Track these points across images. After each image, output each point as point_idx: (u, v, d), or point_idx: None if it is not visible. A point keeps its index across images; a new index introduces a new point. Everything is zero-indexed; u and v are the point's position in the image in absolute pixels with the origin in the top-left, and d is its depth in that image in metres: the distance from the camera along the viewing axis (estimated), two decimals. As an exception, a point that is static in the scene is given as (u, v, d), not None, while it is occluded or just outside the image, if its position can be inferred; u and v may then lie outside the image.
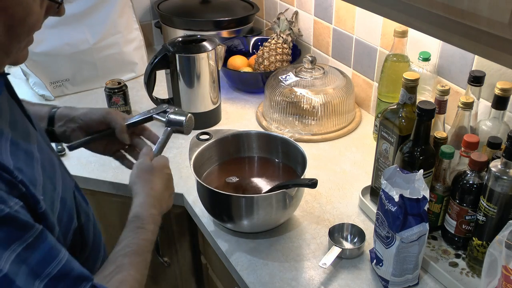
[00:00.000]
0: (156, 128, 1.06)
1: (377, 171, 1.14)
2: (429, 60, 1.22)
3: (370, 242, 1.06)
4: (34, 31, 0.68)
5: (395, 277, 0.96)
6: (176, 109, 1.02)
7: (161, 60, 1.42)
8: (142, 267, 0.77)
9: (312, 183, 1.02)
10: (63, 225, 0.73)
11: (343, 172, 1.32)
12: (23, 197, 0.63)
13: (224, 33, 1.82)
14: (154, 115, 1.02)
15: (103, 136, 1.00)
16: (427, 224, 0.91)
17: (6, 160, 0.63)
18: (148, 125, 1.04)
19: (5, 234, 0.59)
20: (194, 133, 1.24)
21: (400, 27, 1.24)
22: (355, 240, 1.10)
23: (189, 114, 1.00)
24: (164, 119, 1.00)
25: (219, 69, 1.51)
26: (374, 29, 1.44)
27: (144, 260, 0.77)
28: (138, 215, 0.82)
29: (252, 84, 1.70)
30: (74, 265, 0.66)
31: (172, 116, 1.00)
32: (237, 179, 1.20)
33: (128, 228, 0.80)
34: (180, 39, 1.47)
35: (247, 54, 1.84)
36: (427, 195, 0.90)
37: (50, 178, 0.73)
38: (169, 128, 1.00)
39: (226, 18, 1.80)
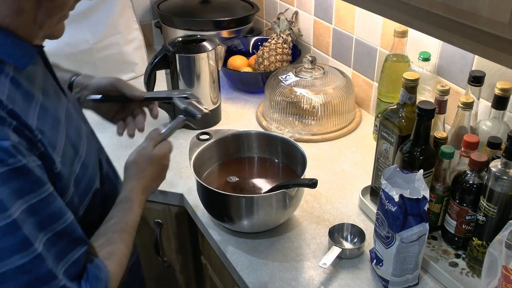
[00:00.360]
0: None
1: (377, 171, 1.14)
2: (429, 60, 1.22)
3: (370, 242, 1.06)
4: (66, 9, 0.72)
5: (395, 277, 0.96)
6: (197, 102, 1.02)
7: (161, 60, 1.42)
8: (130, 243, 0.83)
9: (312, 183, 1.02)
10: (81, 187, 0.79)
11: (343, 172, 1.32)
12: (42, 156, 0.68)
13: (224, 33, 1.82)
14: (174, 97, 1.02)
15: (113, 99, 1.04)
16: (427, 224, 0.91)
17: (31, 121, 0.67)
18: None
19: (20, 185, 0.63)
20: (194, 133, 1.24)
21: (400, 27, 1.24)
22: (355, 240, 1.10)
23: (206, 111, 1.00)
24: (181, 107, 1.00)
25: (219, 69, 1.51)
26: (374, 29, 1.44)
27: (131, 237, 0.84)
28: (128, 198, 0.88)
29: (252, 84, 1.70)
30: (77, 228, 0.71)
31: (190, 108, 0.99)
32: (237, 179, 1.20)
33: (118, 208, 0.86)
34: (180, 39, 1.47)
35: (247, 54, 1.84)
36: (427, 195, 0.90)
37: (73, 144, 0.78)
38: (183, 117, 0.99)
39: (226, 18, 1.80)
